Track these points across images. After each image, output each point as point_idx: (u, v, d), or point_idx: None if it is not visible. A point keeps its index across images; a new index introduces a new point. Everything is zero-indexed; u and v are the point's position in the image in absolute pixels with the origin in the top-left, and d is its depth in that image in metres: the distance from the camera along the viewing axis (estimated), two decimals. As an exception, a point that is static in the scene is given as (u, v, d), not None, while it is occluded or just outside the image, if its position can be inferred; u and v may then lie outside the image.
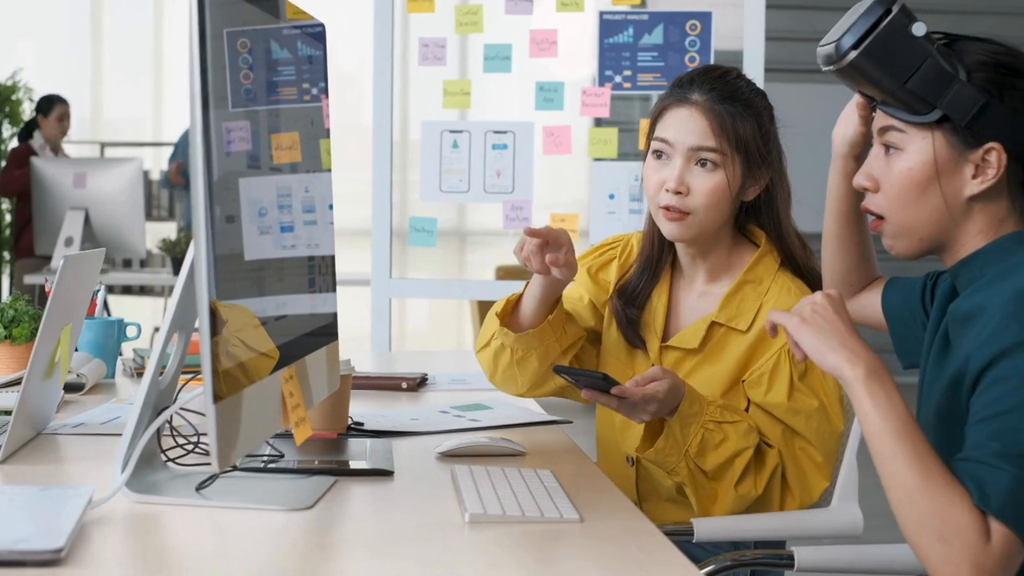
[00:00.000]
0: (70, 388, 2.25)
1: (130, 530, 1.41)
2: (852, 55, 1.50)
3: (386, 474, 1.69)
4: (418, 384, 2.47)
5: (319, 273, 1.78)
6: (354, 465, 1.71)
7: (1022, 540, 1.35)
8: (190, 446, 1.65)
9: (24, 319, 2.33)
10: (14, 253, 6.92)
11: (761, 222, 2.09)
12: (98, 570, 1.26)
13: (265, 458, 1.71)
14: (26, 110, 7.36)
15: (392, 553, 1.35)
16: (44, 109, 6.94)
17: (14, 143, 7.18)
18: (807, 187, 2.17)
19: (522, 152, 3.79)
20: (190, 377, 1.63)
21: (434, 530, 1.44)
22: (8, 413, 1.80)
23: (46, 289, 2.10)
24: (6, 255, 7.26)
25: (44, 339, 1.77)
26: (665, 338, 2.10)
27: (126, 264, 6.97)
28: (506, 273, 6.95)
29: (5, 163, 6.89)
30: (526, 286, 2.05)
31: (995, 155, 1.49)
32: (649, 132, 2.08)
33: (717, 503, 1.96)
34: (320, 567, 1.32)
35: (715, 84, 2.03)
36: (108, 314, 5.05)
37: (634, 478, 2.11)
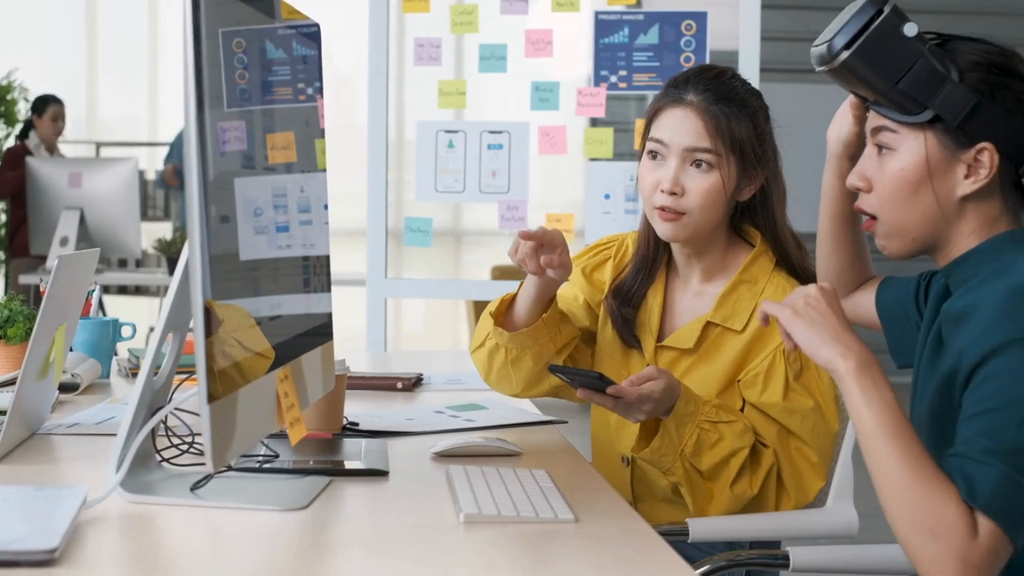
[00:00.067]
0: (65, 388, 2.25)
1: (125, 530, 1.41)
2: (844, 55, 1.50)
3: (381, 474, 1.69)
4: (413, 384, 2.47)
5: (314, 273, 1.78)
6: (349, 465, 1.71)
7: (1009, 535, 1.36)
8: (185, 446, 1.65)
9: (19, 319, 2.33)
10: (9, 253, 6.91)
11: (756, 222, 2.10)
12: (92, 570, 1.26)
13: (260, 458, 1.71)
14: (21, 110, 7.35)
15: (387, 553, 1.35)
16: (38, 109, 6.94)
17: (10, 142, 7.18)
18: (802, 187, 2.17)
19: (517, 152, 3.79)
20: (185, 377, 1.63)
21: (429, 530, 1.44)
22: (3, 413, 1.80)
23: (41, 289, 2.10)
24: (1, 255, 7.25)
25: (39, 339, 1.77)
26: (660, 338, 2.10)
27: (121, 264, 6.97)
28: (502, 273, 6.94)
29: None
30: (520, 286, 2.05)
31: (987, 155, 1.49)
32: (644, 132, 2.08)
33: (713, 503, 1.96)
34: (315, 567, 1.32)
35: (710, 84, 2.03)
36: (103, 314, 5.04)
37: (629, 478, 2.12)
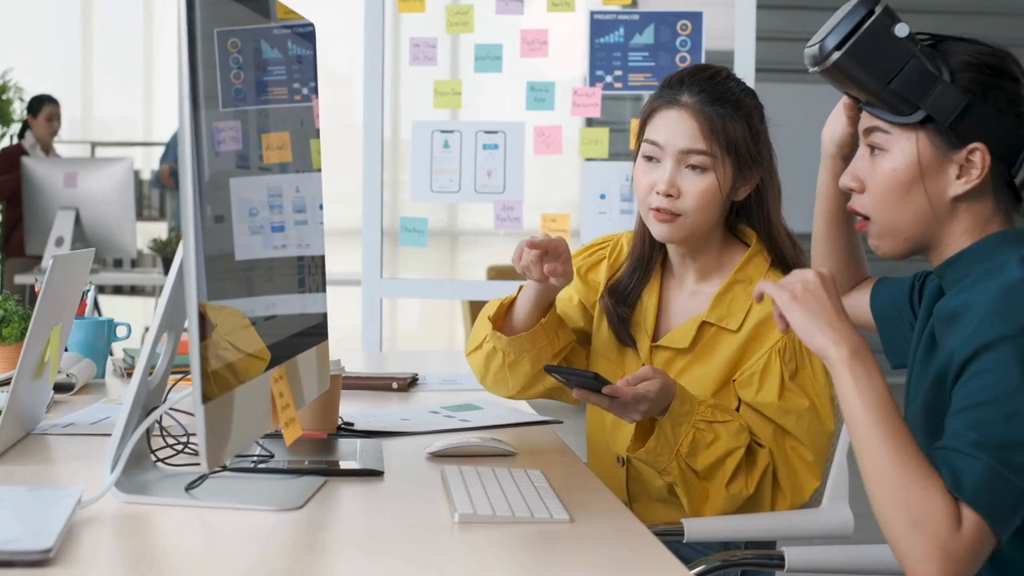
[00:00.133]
0: (60, 388, 2.24)
1: (119, 530, 1.41)
2: (835, 56, 1.50)
3: (376, 474, 1.69)
4: (408, 384, 2.47)
5: (309, 273, 1.78)
6: (344, 465, 1.71)
7: (992, 529, 1.36)
8: (180, 446, 1.65)
9: (14, 319, 2.33)
10: (4, 253, 6.90)
11: (752, 222, 2.10)
12: (87, 570, 1.26)
13: (255, 458, 1.71)
14: (16, 110, 7.35)
15: (382, 553, 1.35)
16: (33, 109, 6.93)
17: (6, 143, 7.16)
18: (798, 186, 2.17)
19: (513, 152, 3.79)
20: (180, 377, 1.63)
21: (424, 530, 1.44)
22: (-3, 413, 1.80)
23: (36, 289, 2.09)
24: (-4, 255, 7.25)
25: (34, 339, 1.77)
26: (656, 338, 2.10)
27: (117, 264, 6.96)
28: (497, 273, 6.92)
29: None
30: (519, 291, 2.05)
31: (979, 155, 1.49)
32: (639, 133, 2.08)
33: (708, 503, 1.96)
34: (310, 567, 1.32)
35: (705, 85, 2.03)
36: (99, 314, 5.03)
37: (624, 478, 2.12)
